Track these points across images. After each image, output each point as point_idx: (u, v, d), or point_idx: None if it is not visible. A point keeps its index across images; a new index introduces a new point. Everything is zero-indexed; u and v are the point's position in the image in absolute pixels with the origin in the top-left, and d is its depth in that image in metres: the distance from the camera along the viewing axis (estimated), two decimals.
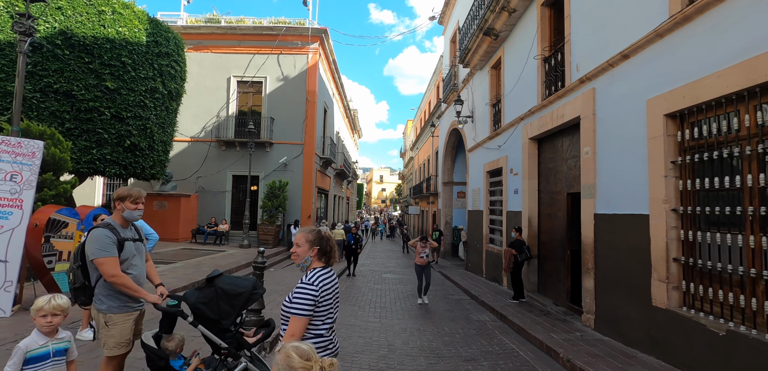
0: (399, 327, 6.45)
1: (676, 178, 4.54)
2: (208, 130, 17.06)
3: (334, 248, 2.31)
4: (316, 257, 2.26)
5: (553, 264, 7.88)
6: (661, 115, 4.63)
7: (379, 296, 9.11)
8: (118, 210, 2.77)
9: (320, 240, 2.27)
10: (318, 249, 2.25)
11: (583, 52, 6.48)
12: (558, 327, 6.02)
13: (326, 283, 2.14)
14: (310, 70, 17.26)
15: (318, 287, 2.08)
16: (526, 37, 8.84)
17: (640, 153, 5.00)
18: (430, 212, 25.36)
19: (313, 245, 2.26)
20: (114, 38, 9.39)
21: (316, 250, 2.25)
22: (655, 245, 4.66)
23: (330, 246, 2.29)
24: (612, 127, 5.66)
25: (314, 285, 2.08)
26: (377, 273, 13.38)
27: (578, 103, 6.50)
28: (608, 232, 5.65)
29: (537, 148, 8.59)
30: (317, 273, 2.15)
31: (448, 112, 17.25)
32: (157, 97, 10.60)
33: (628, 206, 5.23)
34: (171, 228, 15.23)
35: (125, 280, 2.60)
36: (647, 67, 4.93)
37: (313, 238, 2.27)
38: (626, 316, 5.17)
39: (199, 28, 17.12)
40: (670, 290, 4.48)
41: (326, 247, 2.27)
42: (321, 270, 2.20)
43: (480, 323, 6.87)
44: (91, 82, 9.04)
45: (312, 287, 2.07)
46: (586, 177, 6.20)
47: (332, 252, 2.29)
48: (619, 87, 5.52)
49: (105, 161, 9.46)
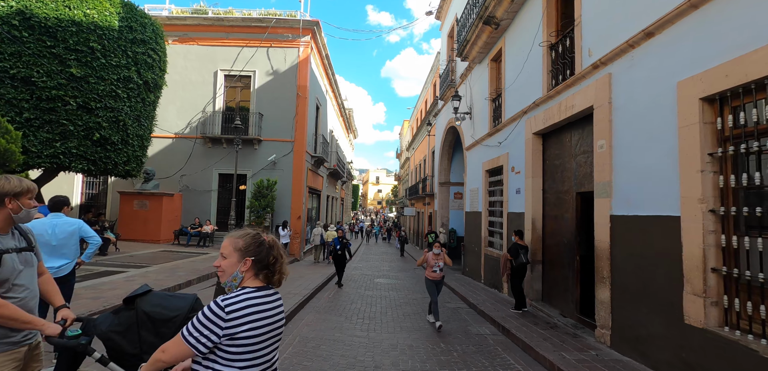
0: (388, 342, 5.70)
1: (715, 173, 3.83)
2: (194, 126, 16.24)
3: (279, 260, 1.57)
4: (251, 273, 1.53)
5: (559, 270, 7.17)
6: (696, 99, 3.92)
7: (369, 304, 8.35)
8: (6, 211, 1.99)
9: (256, 248, 1.54)
10: (252, 260, 1.52)
11: (597, 35, 5.78)
12: (569, 344, 5.29)
13: (251, 312, 1.42)
14: (301, 64, 16.51)
15: (228, 315, 1.37)
16: (529, 23, 8.14)
17: (668, 144, 4.29)
18: (425, 214, 24.65)
19: (244, 255, 1.52)
20: (81, 21, 8.59)
21: (250, 263, 1.52)
22: (689, 252, 3.95)
23: (273, 256, 1.56)
24: (632, 116, 4.96)
25: (223, 311, 1.37)
26: (369, 277, 12.63)
27: (591, 92, 5.80)
28: (628, 236, 4.94)
29: (541, 143, 7.88)
30: (240, 297, 1.43)
31: (445, 110, 16.56)
32: (132, 88, 9.80)
33: (652, 206, 4.53)
34: (152, 229, 14.41)
35: (5, 310, 1.84)
36: (678, 44, 4.23)
37: (244, 245, 1.53)
38: (651, 334, 4.46)
39: (184, 19, 16.31)
40: (707, 306, 3.77)
41: (266, 258, 1.55)
42: (253, 291, 1.48)
43: (480, 337, 6.13)
44: (54, 68, 8.24)
45: (218, 312, 1.37)
46: (601, 174, 5.50)
47: (276, 265, 1.56)
48: (640, 70, 4.82)
49: (70, 155, 8.65)
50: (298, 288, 8.82)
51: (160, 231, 14.51)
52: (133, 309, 1.99)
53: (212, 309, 1.38)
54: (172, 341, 1.42)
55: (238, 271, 1.51)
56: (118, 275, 8.17)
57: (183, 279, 8.36)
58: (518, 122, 8.60)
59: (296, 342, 5.44)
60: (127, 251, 11.50)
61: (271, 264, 1.55)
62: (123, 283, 7.48)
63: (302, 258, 16.33)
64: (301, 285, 9.27)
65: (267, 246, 1.56)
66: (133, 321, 1.97)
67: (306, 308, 7.61)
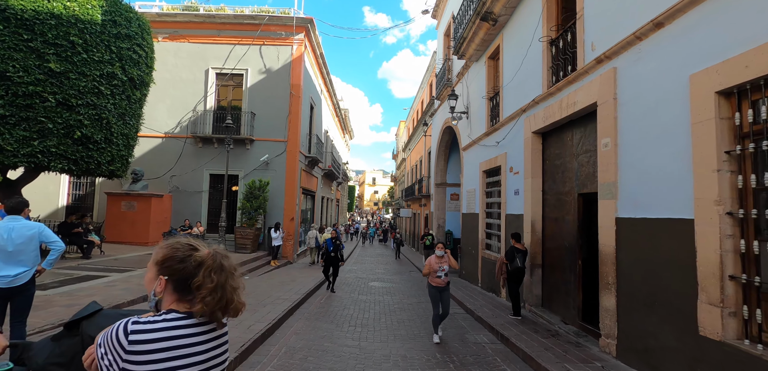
0: (381, 353, 5.37)
1: (733, 172, 3.54)
2: (184, 126, 15.82)
3: (208, 282, 1.16)
4: (172, 296, 1.18)
5: (560, 275, 6.87)
6: (711, 93, 3.63)
7: (362, 310, 8.01)
8: None
9: (176, 264, 1.17)
10: (166, 280, 1.17)
11: (600, 28, 5.50)
12: (572, 355, 4.99)
13: (164, 348, 1.07)
14: (294, 63, 16.15)
15: (129, 345, 1.03)
16: (528, 18, 7.86)
17: (680, 142, 4.00)
18: (422, 215, 24.36)
19: (160, 270, 1.18)
20: (61, 14, 8.18)
21: (163, 283, 1.18)
22: (704, 258, 3.66)
23: (202, 278, 1.16)
24: (639, 113, 4.67)
25: (126, 338, 1.04)
26: (363, 280, 12.29)
27: (594, 87, 5.51)
28: (635, 240, 4.65)
29: (541, 142, 7.59)
30: (153, 325, 1.08)
31: (442, 110, 16.28)
32: (116, 84, 9.38)
33: (662, 209, 4.23)
34: (140, 231, 13.95)
35: None
36: (691, 34, 3.94)
37: (162, 257, 1.19)
38: (661, 346, 4.16)
39: (175, 16, 15.90)
40: (725, 317, 3.47)
41: (183, 272, 1.17)
42: (177, 319, 1.12)
43: (478, 346, 5.82)
44: (31, 62, 7.82)
45: (121, 338, 1.04)
46: (605, 174, 5.20)
47: (203, 288, 1.15)
48: (649, 64, 4.53)
49: (49, 154, 8.22)
50: (288, 293, 8.46)
51: (148, 233, 14.06)
52: (77, 335, 1.64)
53: (117, 331, 1.05)
54: None
55: (154, 291, 1.17)
56: (98, 280, 7.77)
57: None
58: (517, 121, 8.31)
59: (282, 352, 5.09)
60: (112, 254, 11.09)
61: (197, 288, 1.14)
62: (103, 289, 7.10)
63: (295, 261, 15.96)
64: (292, 290, 8.91)
65: (195, 263, 1.17)
66: (78, 350, 1.61)
67: (295, 314, 7.26)
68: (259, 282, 9.96)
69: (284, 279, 10.71)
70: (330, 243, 9.72)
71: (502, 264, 7.53)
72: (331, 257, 9.69)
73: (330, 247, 9.69)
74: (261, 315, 6.41)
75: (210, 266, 1.17)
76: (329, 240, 9.76)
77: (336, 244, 9.64)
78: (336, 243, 9.64)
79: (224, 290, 1.17)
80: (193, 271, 1.16)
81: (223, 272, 1.19)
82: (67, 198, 15.84)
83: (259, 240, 14.94)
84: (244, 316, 6.21)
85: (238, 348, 4.65)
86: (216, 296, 1.14)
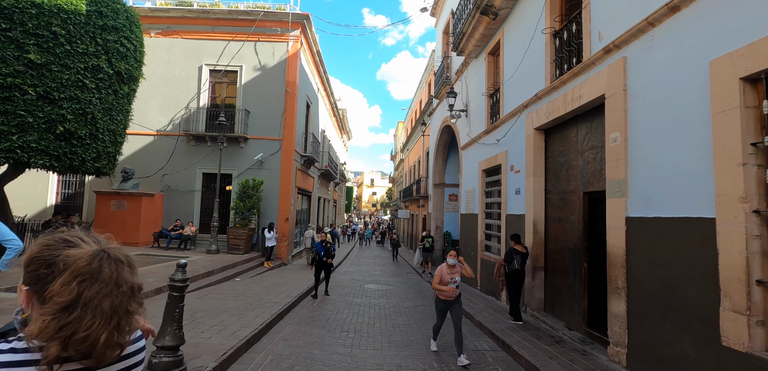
0: (374, 361, 5.01)
1: (759, 166, 3.21)
2: (177, 123, 15.44)
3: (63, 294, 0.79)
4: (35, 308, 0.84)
5: (564, 278, 6.54)
6: (735, 80, 3.31)
7: (355, 314, 7.66)
8: None
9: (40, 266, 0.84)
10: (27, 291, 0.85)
11: (608, 16, 5.17)
12: (579, 364, 4.65)
13: None
14: (290, 60, 15.80)
15: None
16: (531, 10, 7.54)
17: (699, 134, 3.68)
18: (420, 216, 24.02)
19: (24, 276, 0.85)
20: (41, 3, 7.83)
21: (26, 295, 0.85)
22: (727, 260, 3.33)
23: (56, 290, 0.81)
24: (651, 104, 4.35)
25: None
26: (359, 282, 11.94)
27: (602, 79, 5.19)
28: (647, 241, 4.31)
29: (544, 139, 7.27)
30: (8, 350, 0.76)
31: (440, 109, 15.97)
32: (101, 78, 9.02)
33: (678, 207, 3.90)
34: (130, 230, 13.57)
35: None
36: (711, 17, 3.62)
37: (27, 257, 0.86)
38: (678, 356, 3.82)
39: (168, 11, 15.55)
40: (752, 326, 3.14)
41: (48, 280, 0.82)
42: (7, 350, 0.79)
43: (478, 354, 5.47)
44: (9, 53, 7.46)
45: None
46: (614, 171, 4.87)
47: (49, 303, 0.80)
48: (662, 51, 4.21)
49: (29, 150, 7.85)
50: (280, 296, 8.10)
51: (138, 233, 13.70)
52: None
53: None
54: None
55: (20, 306, 0.83)
56: None
57: (153, 286, 7.62)
58: (518, 117, 7.98)
59: (268, 361, 4.73)
60: None
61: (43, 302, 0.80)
62: None
63: (290, 262, 15.58)
64: (284, 293, 8.55)
65: (62, 266, 0.81)
66: None
67: (285, 318, 6.90)
68: (251, 284, 9.59)
69: (277, 281, 10.34)
70: (320, 247, 9.08)
71: (500, 267, 7.22)
72: (321, 262, 9.11)
73: (321, 252, 9.06)
74: (248, 319, 6.05)
75: (77, 270, 0.80)
76: (319, 244, 9.13)
77: (326, 248, 9.09)
78: (326, 246, 9.10)
79: (85, 314, 0.78)
80: (56, 271, 0.81)
81: (98, 284, 0.81)
82: (56, 197, 15.44)
83: (253, 241, 14.57)
84: (230, 321, 5.85)
85: (218, 357, 4.30)
86: (62, 321, 0.76)
